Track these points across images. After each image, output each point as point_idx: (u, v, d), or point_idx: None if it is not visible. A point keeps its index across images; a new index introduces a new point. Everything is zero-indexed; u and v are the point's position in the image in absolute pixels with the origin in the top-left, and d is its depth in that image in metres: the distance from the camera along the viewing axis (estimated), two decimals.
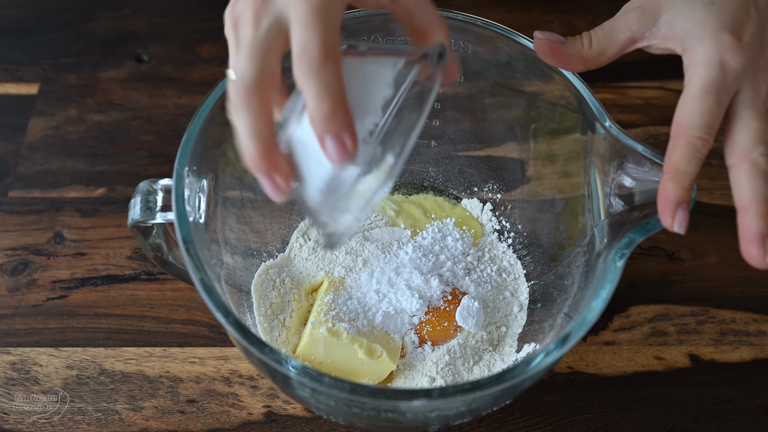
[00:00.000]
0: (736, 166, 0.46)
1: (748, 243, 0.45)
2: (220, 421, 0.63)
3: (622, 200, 0.54)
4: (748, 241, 0.45)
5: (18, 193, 0.75)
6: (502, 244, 0.69)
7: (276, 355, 0.48)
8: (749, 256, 0.45)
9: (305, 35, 0.42)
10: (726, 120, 0.47)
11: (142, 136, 0.79)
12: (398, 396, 0.48)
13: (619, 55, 0.51)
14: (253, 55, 0.44)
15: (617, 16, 0.51)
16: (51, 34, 0.87)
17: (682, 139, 0.46)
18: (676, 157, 0.46)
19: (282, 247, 0.68)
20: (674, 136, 0.47)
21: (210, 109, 0.56)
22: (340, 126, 0.42)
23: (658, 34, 0.49)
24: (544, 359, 0.49)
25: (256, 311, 0.63)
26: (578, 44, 0.51)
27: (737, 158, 0.46)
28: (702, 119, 0.46)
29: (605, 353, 0.67)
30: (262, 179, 0.45)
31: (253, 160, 0.45)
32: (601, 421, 0.63)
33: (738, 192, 0.46)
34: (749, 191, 0.45)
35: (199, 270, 0.50)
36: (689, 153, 0.46)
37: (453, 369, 0.61)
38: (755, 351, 0.67)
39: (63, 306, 0.69)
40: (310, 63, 0.42)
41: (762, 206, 0.45)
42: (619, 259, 0.51)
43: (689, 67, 0.47)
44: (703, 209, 0.74)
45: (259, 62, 0.43)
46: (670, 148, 0.47)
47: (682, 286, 0.70)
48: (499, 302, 0.66)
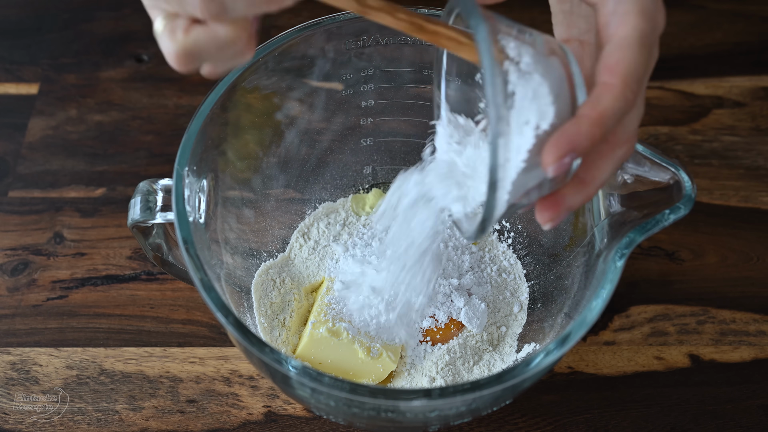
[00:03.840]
0: (611, 143, 0.44)
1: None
2: (220, 421, 0.63)
3: (622, 200, 0.54)
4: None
5: (18, 193, 0.75)
6: (502, 244, 0.69)
7: (276, 355, 0.48)
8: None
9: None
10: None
11: (142, 136, 0.79)
12: (398, 396, 0.48)
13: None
14: None
15: None
16: (51, 34, 0.87)
17: (619, 87, 0.41)
18: (606, 103, 0.41)
19: (282, 247, 0.68)
20: (606, 82, 0.42)
21: (210, 109, 0.56)
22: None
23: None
24: (544, 359, 0.48)
25: (256, 311, 0.63)
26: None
27: (620, 138, 0.44)
28: (639, 71, 0.42)
29: (605, 353, 0.67)
30: None
31: None
32: (601, 421, 0.63)
33: (596, 169, 0.43)
34: (602, 173, 0.44)
35: (199, 270, 0.50)
36: (621, 105, 0.41)
37: (453, 369, 0.61)
38: (755, 351, 0.67)
39: (63, 306, 0.69)
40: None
41: (597, 189, 0.44)
42: (619, 259, 0.51)
43: (616, 13, 0.43)
44: (703, 209, 0.74)
45: None
46: (600, 91, 0.42)
47: (682, 286, 0.70)
48: (499, 302, 0.66)
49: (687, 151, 0.78)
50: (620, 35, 0.42)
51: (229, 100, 0.58)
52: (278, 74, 0.62)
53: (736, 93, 0.82)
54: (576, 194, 0.44)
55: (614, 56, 0.42)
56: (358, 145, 0.70)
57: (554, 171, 0.40)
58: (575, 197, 0.44)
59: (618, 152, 0.44)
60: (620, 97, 0.41)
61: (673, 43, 0.85)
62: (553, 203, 0.44)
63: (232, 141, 0.62)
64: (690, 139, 0.79)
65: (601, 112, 0.41)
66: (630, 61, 0.42)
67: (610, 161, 0.44)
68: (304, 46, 0.61)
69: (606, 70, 0.42)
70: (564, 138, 0.40)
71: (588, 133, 0.41)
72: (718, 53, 0.86)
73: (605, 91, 0.41)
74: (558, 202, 0.44)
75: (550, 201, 0.44)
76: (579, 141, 0.40)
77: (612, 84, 0.41)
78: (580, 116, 0.41)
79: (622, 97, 0.41)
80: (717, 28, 0.87)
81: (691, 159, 0.77)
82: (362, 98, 0.67)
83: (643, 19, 0.42)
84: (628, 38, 0.42)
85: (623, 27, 0.42)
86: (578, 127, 0.41)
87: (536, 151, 0.41)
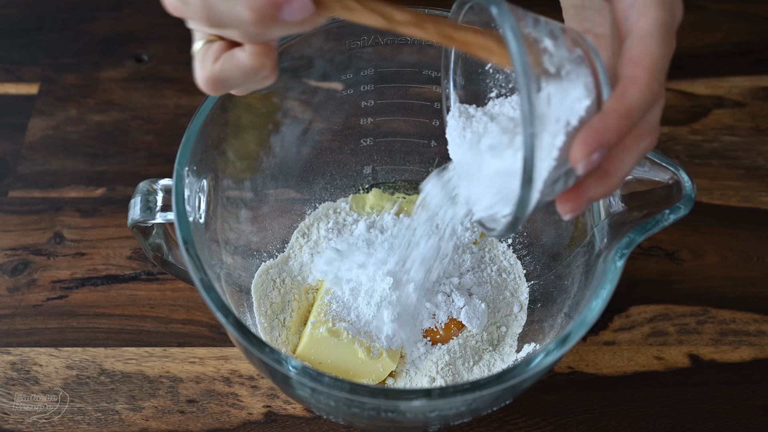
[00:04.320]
0: (635, 136, 0.43)
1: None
2: (220, 421, 0.63)
3: (622, 200, 0.54)
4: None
5: (18, 193, 0.75)
6: (502, 244, 0.69)
7: (276, 355, 0.48)
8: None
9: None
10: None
11: (142, 136, 0.79)
12: (398, 396, 0.48)
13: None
14: None
15: None
16: (51, 34, 0.87)
17: (645, 79, 0.41)
18: (632, 96, 0.41)
19: (282, 247, 0.68)
20: (632, 75, 0.42)
21: (210, 109, 0.56)
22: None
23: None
24: (544, 359, 0.48)
25: (256, 311, 0.63)
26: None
27: (643, 130, 0.43)
28: (663, 62, 0.42)
29: (605, 353, 0.67)
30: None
31: None
32: (601, 421, 0.63)
33: (619, 161, 0.43)
34: (625, 164, 0.43)
35: (199, 270, 0.50)
36: (647, 98, 0.41)
37: (453, 369, 0.61)
38: (755, 351, 0.67)
39: (63, 306, 0.69)
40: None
41: (620, 181, 0.43)
42: (619, 259, 0.51)
43: (635, 5, 0.43)
44: (703, 209, 0.74)
45: None
46: (626, 84, 0.41)
47: (682, 286, 0.70)
48: (499, 302, 0.66)
49: (687, 151, 0.78)
50: (641, 27, 0.42)
51: (229, 100, 0.58)
52: (278, 74, 0.62)
53: (736, 93, 0.82)
54: (598, 186, 0.43)
55: (637, 49, 0.42)
56: (358, 145, 0.70)
57: (584, 168, 0.40)
58: (597, 189, 0.43)
59: (641, 144, 0.44)
60: (646, 89, 0.41)
61: None
62: (575, 194, 0.44)
63: (232, 141, 0.62)
64: (690, 139, 0.79)
65: (628, 106, 0.41)
66: (654, 53, 0.42)
67: (634, 153, 0.44)
68: (304, 46, 0.61)
69: (630, 63, 0.42)
70: (592, 134, 0.40)
71: (616, 127, 0.40)
72: (718, 53, 0.86)
73: (631, 84, 0.41)
74: (580, 194, 0.44)
75: (572, 192, 0.44)
76: (608, 136, 0.40)
77: (637, 77, 0.41)
78: (608, 110, 0.41)
79: (648, 89, 0.41)
80: (717, 28, 0.87)
81: (691, 159, 0.77)
82: (362, 98, 0.67)
83: (663, 9, 0.42)
84: (650, 29, 0.42)
85: (643, 19, 0.42)
86: (606, 121, 0.40)
87: (566, 147, 0.41)
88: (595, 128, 0.40)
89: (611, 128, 0.40)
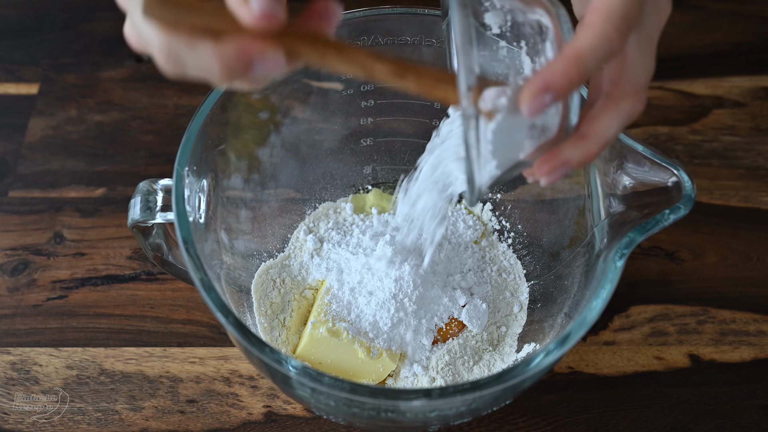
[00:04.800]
0: (615, 97, 0.42)
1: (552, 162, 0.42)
2: (220, 421, 0.63)
3: (622, 200, 0.54)
4: (553, 161, 0.42)
5: (18, 193, 0.75)
6: (502, 244, 0.69)
7: (276, 355, 0.48)
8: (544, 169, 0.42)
9: None
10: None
11: (142, 136, 0.79)
12: (398, 396, 0.48)
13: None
14: None
15: None
16: (51, 34, 0.87)
17: (599, 24, 0.40)
18: (584, 40, 0.40)
19: (282, 247, 0.68)
20: (588, 21, 0.40)
21: (210, 109, 0.56)
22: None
23: None
24: (544, 359, 0.48)
25: (256, 311, 0.63)
26: None
27: (624, 92, 0.42)
28: (625, 9, 0.40)
29: (605, 353, 0.67)
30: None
31: None
32: (601, 421, 0.63)
33: (597, 123, 0.42)
34: (604, 127, 0.42)
35: (199, 270, 0.50)
36: (601, 42, 0.40)
37: (453, 369, 0.61)
38: (755, 351, 0.67)
39: (63, 306, 0.69)
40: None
41: (600, 146, 0.43)
42: (619, 259, 0.51)
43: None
44: (703, 209, 0.74)
45: None
46: (580, 30, 0.40)
47: (682, 286, 0.70)
48: (499, 302, 0.66)
49: (687, 151, 0.78)
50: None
51: (229, 100, 0.58)
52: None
53: (736, 93, 0.82)
54: (575, 148, 0.43)
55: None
56: (358, 145, 0.70)
57: (529, 110, 0.39)
58: (573, 151, 0.43)
59: (623, 106, 0.43)
60: (599, 34, 0.40)
61: (673, 43, 0.85)
62: (550, 156, 0.43)
63: (232, 141, 0.62)
64: (690, 139, 0.79)
65: (577, 49, 0.40)
66: (615, 2, 0.40)
67: (614, 116, 0.43)
68: None
69: (590, 11, 0.41)
70: (537, 77, 0.39)
71: (563, 70, 0.39)
72: (718, 53, 0.86)
73: (584, 29, 0.40)
74: (555, 155, 0.43)
75: (548, 155, 0.43)
76: (553, 78, 0.39)
77: (592, 22, 0.40)
78: (557, 56, 0.40)
79: (601, 34, 0.40)
80: (717, 28, 0.87)
81: (691, 159, 0.77)
82: (362, 98, 0.67)
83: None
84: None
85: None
86: (553, 65, 0.40)
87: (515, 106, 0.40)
88: (541, 72, 0.40)
89: (557, 71, 0.39)
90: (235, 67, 0.38)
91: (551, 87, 0.39)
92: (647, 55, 0.43)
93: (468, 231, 0.68)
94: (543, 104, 0.39)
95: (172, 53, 0.38)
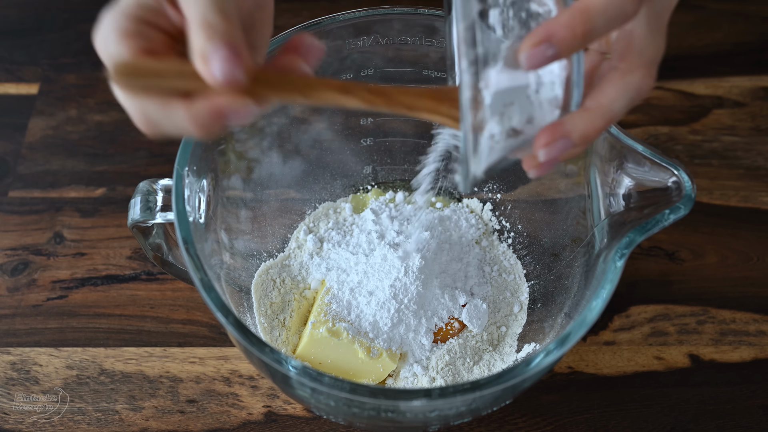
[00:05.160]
0: (622, 70, 0.41)
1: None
2: (220, 421, 0.63)
3: (623, 200, 0.54)
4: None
5: (18, 193, 0.75)
6: (502, 244, 0.69)
7: (276, 355, 0.48)
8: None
9: None
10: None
11: (142, 136, 0.78)
12: (398, 396, 0.48)
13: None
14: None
15: None
16: (51, 34, 0.87)
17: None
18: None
19: (282, 247, 0.68)
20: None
21: None
22: None
23: None
24: (544, 359, 0.48)
25: (256, 311, 0.63)
26: None
27: (632, 64, 0.41)
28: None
29: (605, 353, 0.67)
30: (221, 48, 0.38)
31: (213, 26, 0.38)
32: (601, 421, 0.63)
33: (603, 95, 0.41)
34: (610, 100, 0.40)
35: (199, 270, 0.50)
36: (610, 2, 0.38)
37: (453, 369, 0.61)
38: (755, 351, 0.67)
39: (63, 306, 0.69)
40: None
41: (605, 121, 0.41)
42: (619, 259, 0.51)
43: None
44: (703, 209, 0.74)
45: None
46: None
47: (682, 286, 0.70)
48: (499, 302, 0.66)
49: (687, 151, 0.78)
50: None
51: None
52: None
53: (736, 93, 0.82)
54: (578, 120, 0.41)
55: None
56: (358, 145, 0.70)
57: (528, 60, 0.38)
58: (576, 122, 0.40)
59: (629, 78, 0.41)
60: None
61: (673, 43, 0.85)
62: (552, 127, 0.41)
63: (232, 141, 0.62)
64: (690, 139, 0.79)
65: (587, 3, 0.37)
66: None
67: (620, 88, 0.41)
68: None
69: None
70: (539, 28, 0.38)
71: (567, 22, 0.37)
72: (718, 53, 0.86)
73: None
74: (557, 126, 0.41)
75: (550, 126, 0.41)
76: (557, 30, 0.37)
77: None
78: (562, 10, 0.38)
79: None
80: (717, 28, 0.87)
81: (691, 159, 0.77)
82: None
83: None
84: None
85: None
86: (558, 17, 0.38)
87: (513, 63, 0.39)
88: (545, 24, 0.38)
89: (562, 23, 0.37)
90: (209, 123, 0.39)
91: (553, 39, 0.37)
92: (657, 33, 0.42)
93: (470, 230, 0.68)
94: (543, 56, 0.37)
95: (146, 117, 0.40)
